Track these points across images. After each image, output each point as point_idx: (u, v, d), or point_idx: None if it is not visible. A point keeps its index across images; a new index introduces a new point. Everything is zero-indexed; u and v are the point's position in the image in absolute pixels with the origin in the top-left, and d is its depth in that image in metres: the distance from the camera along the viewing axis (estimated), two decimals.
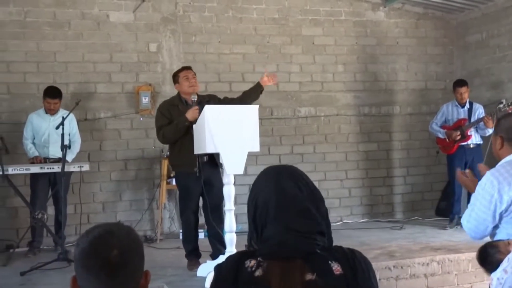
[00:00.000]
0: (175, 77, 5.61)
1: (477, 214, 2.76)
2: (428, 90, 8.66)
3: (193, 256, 5.45)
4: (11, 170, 5.87)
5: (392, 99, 8.53)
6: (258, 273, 1.60)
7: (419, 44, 8.68)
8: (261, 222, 1.70)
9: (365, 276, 1.64)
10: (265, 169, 1.84)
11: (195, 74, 5.58)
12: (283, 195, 1.70)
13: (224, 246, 5.03)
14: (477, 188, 2.78)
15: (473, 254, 5.28)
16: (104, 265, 1.44)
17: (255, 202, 1.73)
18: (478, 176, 2.96)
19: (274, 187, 1.72)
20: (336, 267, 1.60)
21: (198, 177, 5.21)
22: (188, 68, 5.68)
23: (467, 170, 3.21)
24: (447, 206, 7.67)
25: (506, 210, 2.67)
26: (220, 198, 5.15)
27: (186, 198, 5.43)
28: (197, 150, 4.96)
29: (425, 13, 8.70)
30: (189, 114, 5.16)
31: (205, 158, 5.23)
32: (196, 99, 5.27)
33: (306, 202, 1.70)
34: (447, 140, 7.29)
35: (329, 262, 1.61)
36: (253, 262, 1.64)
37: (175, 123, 5.31)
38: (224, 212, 4.99)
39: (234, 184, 4.92)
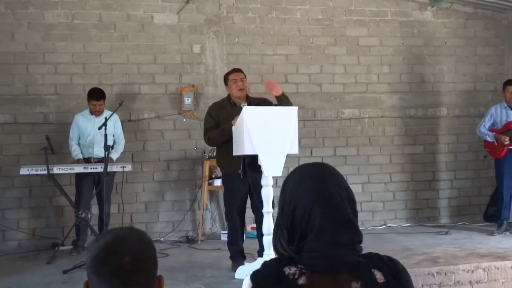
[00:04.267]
0: (225, 79, 5.59)
1: None
2: (477, 92, 8.41)
3: (238, 258, 5.43)
4: (56, 170, 6.09)
5: (439, 101, 8.32)
6: (302, 281, 1.54)
7: (468, 45, 8.43)
8: (300, 230, 1.59)
9: (408, 286, 1.59)
10: (300, 169, 1.70)
11: (244, 76, 5.54)
12: (328, 207, 1.58)
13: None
14: None
15: None
16: (115, 272, 1.42)
17: (293, 208, 1.61)
18: None
19: (317, 196, 1.60)
20: (379, 276, 1.56)
21: (244, 179, 5.19)
22: (237, 70, 5.61)
23: None
24: (495, 212, 7.42)
25: None
26: None
27: (232, 199, 5.42)
28: (236, 152, 4.93)
29: (475, 12, 8.45)
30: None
31: (249, 160, 5.15)
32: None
33: (349, 211, 1.61)
34: (496, 143, 7.04)
35: (372, 270, 1.57)
36: (293, 269, 1.56)
37: (221, 128, 5.29)
38: (262, 215, 4.93)
39: (276, 185, 4.86)
